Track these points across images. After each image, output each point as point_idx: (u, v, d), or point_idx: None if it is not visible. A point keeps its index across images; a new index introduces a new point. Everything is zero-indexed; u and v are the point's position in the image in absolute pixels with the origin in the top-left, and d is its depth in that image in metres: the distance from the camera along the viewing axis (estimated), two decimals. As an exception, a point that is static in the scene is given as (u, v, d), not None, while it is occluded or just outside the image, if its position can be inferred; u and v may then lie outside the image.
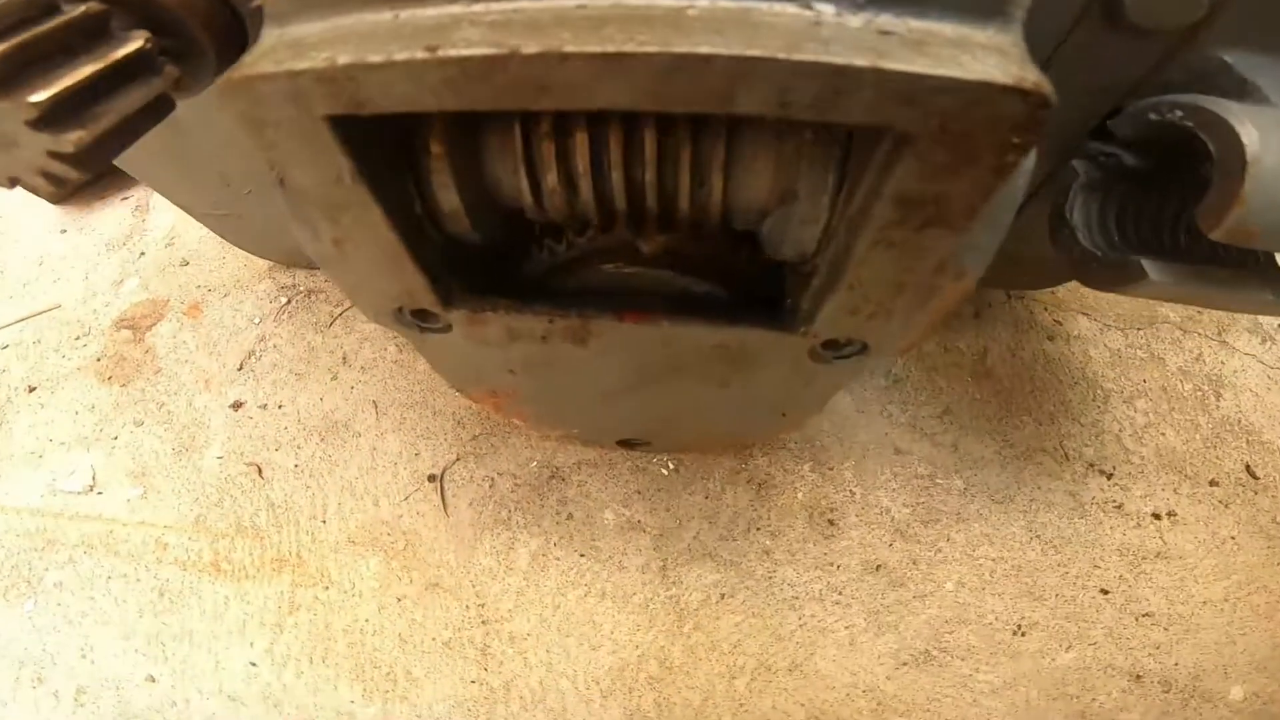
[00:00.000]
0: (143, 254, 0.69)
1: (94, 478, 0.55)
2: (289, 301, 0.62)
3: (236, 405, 0.57)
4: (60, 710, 0.49)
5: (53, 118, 0.24)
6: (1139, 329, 0.60)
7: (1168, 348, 0.59)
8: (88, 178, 0.26)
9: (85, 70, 0.24)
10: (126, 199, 0.77)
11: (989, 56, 0.17)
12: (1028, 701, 0.44)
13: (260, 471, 0.54)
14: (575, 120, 0.24)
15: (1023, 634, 0.46)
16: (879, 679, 0.45)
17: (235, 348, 0.60)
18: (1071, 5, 0.31)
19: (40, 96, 0.23)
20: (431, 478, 0.53)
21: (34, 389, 0.61)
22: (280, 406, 0.56)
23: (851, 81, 0.16)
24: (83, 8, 0.26)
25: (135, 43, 0.26)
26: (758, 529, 0.50)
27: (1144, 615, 0.48)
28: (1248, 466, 0.54)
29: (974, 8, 0.18)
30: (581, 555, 0.49)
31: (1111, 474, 0.52)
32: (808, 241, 0.26)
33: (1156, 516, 0.51)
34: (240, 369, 0.58)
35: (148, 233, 0.71)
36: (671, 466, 0.53)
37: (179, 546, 0.51)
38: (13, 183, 0.27)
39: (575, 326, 0.32)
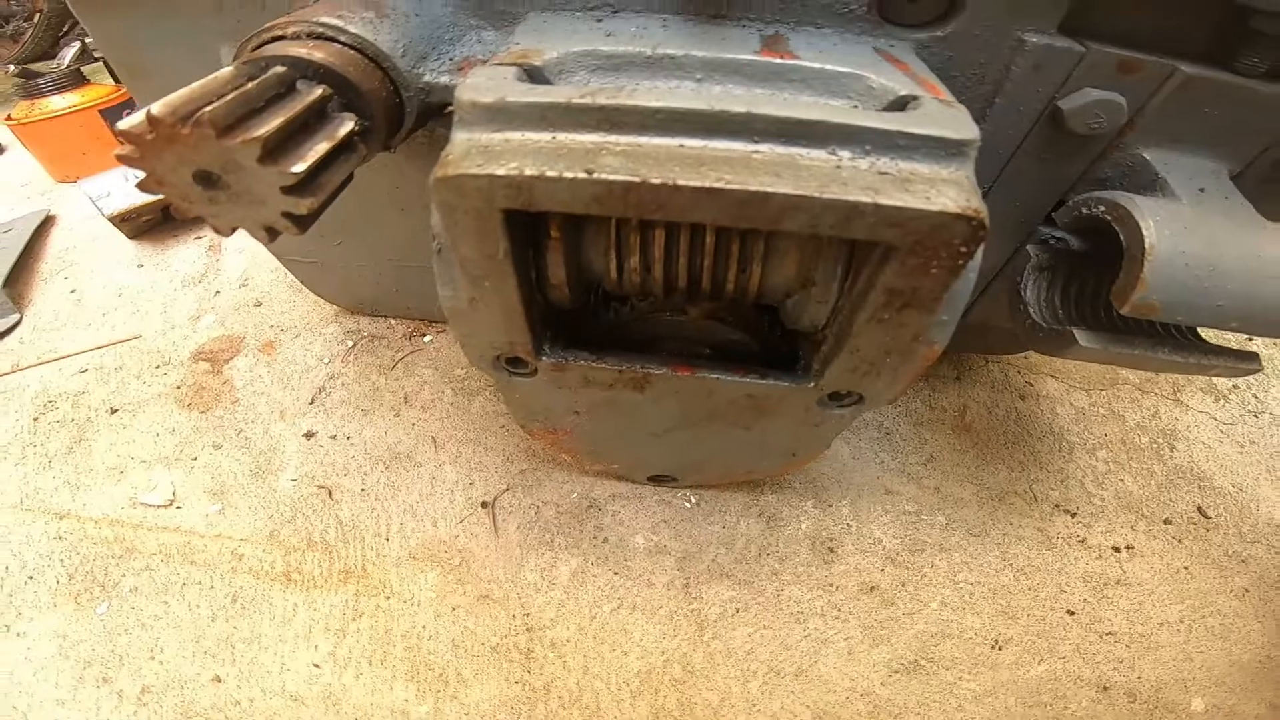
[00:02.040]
0: (218, 292, 0.78)
1: (174, 493, 0.61)
2: (354, 345, 0.70)
3: (309, 434, 0.64)
4: (122, 710, 0.51)
5: (301, 185, 0.30)
6: (1101, 390, 0.69)
7: (1127, 406, 0.68)
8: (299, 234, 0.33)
9: (324, 146, 0.30)
10: (199, 239, 0.86)
11: (949, 189, 0.26)
12: (1007, 708, 0.50)
13: (330, 494, 0.60)
14: (655, 221, 0.33)
15: (999, 648, 0.53)
16: (875, 684, 0.51)
17: (307, 384, 0.68)
18: (1026, 117, 0.41)
19: (300, 168, 0.29)
20: (484, 504, 0.59)
21: (115, 410, 0.69)
22: (349, 437, 0.64)
23: (859, 212, 0.25)
24: (319, 91, 0.32)
25: (349, 124, 0.32)
26: (768, 554, 0.57)
27: (1107, 634, 0.54)
28: (1199, 508, 0.62)
29: (941, 153, 0.28)
30: (615, 573, 0.56)
31: (1075, 513, 0.60)
32: (820, 316, 0.35)
33: (1116, 549, 0.59)
34: (312, 403, 0.66)
35: (221, 273, 0.80)
36: (693, 500, 0.60)
37: (253, 557, 0.57)
38: (232, 230, 0.32)
39: (638, 376, 0.40)
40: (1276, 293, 0.34)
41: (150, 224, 0.87)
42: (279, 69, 0.32)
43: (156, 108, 0.27)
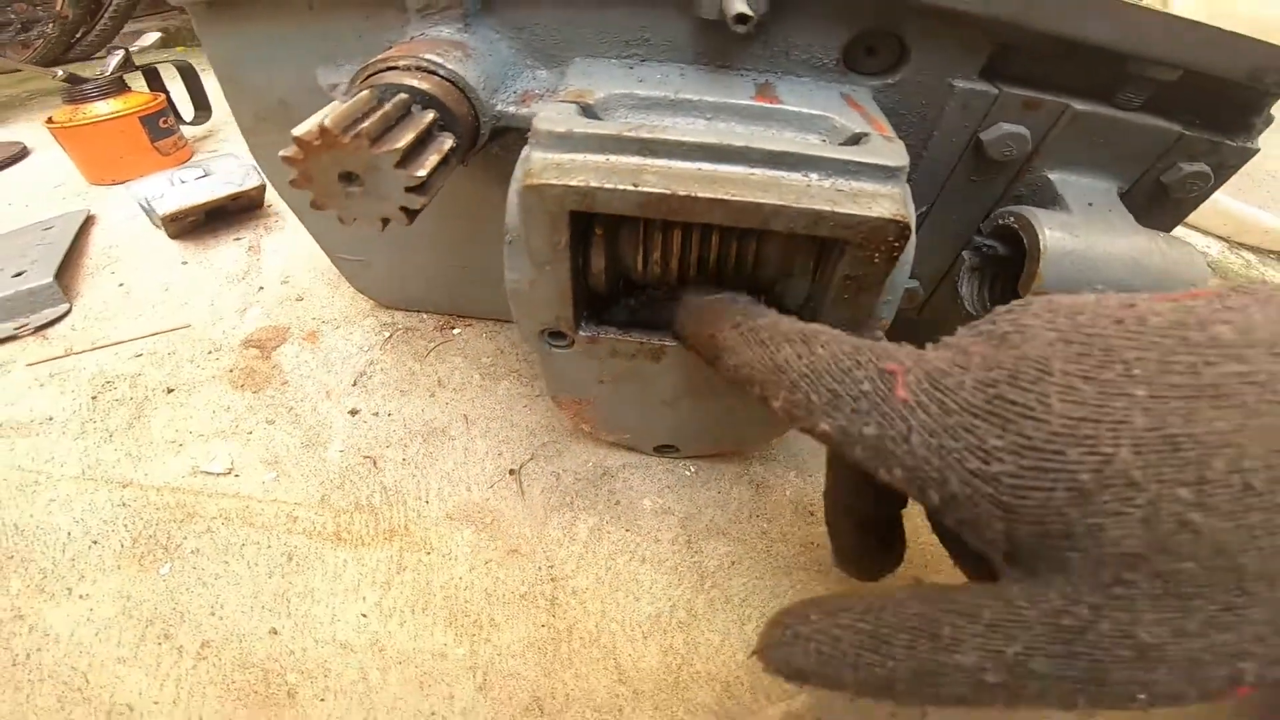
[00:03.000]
0: (261, 288, 0.89)
1: (232, 463, 0.71)
2: (390, 336, 0.82)
3: (353, 412, 0.75)
4: (182, 664, 0.55)
5: (420, 186, 0.41)
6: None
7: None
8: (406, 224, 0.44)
9: (435, 158, 0.41)
10: (239, 240, 0.97)
11: (885, 201, 0.39)
12: None
13: (375, 463, 0.70)
14: (673, 223, 0.46)
15: (955, 597, 0.65)
16: None
17: (349, 368, 0.79)
18: (957, 147, 0.53)
19: (423, 172, 0.40)
20: (511, 471, 0.70)
21: (172, 390, 0.78)
22: (389, 415, 0.75)
23: (823, 217, 0.38)
24: (431, 115, 0.43)
25: (450, 141, 0.44)
26: (757, 515, 0.68)
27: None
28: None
29: (882, 176, 0.40)
30: (627, 530, 0.66)
31: (1022, 486, 0.73)
32: (800, 298, 0.48)
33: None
34: (354, 384, 0.77)
35: (263, 271, 0.91)
36: (693, 470, 0.72)
37: (306, 520, 0.66)
38: (354, 220, 0.43)
39: (656, 348, 0.52)
40: (1143, 284, 0.47)
41: (194, 225, 0.99)
42: (403, 95, 0.44)
43: (329, 120, 0.38)
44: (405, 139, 0.41)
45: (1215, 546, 0.23)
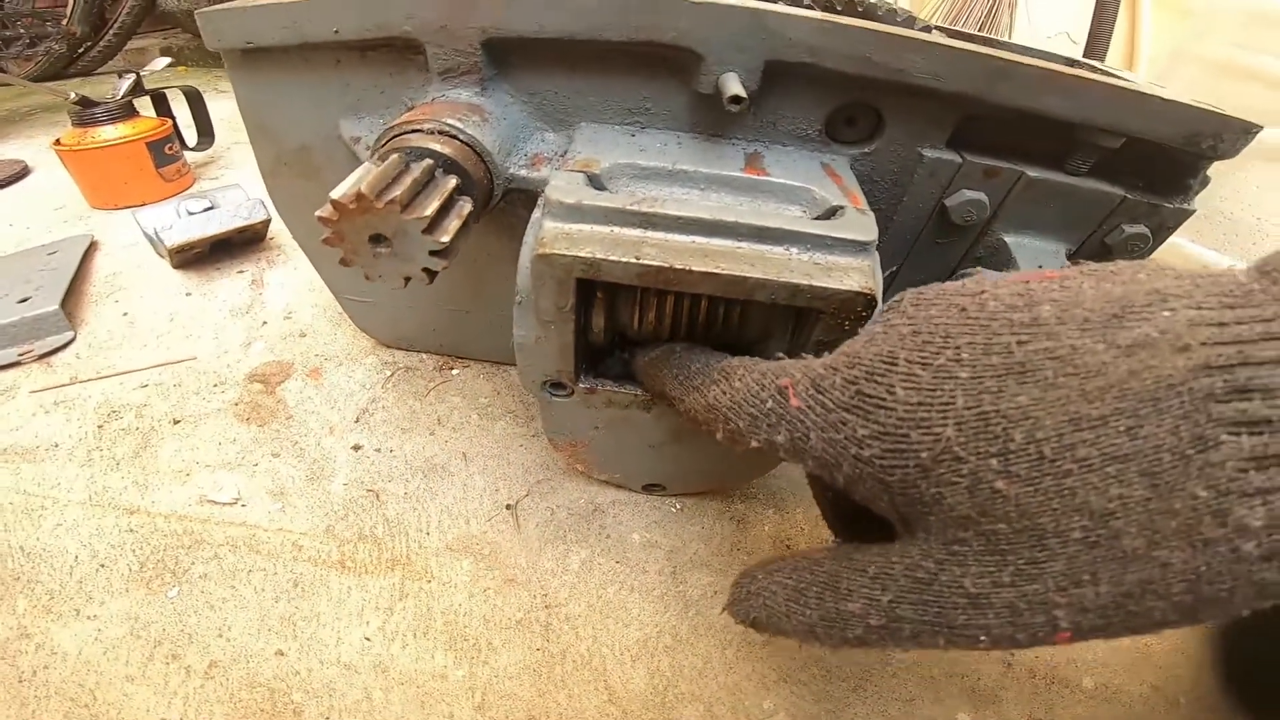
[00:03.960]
0: (265, 323, 0.93)
1: (239, 493, 0.74)
2: (392, 374, 0.87)
3: (356, 447, 0.79)
4: (190, 683, 0.57)
5: (444, 250, 0.45)
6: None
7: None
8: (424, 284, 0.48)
9: (456, 223, 0.46)
10: (242, 272, 1.01)
11: (856, 274, 0.44)
12: (932, 676, 0.64)
13: (377, 496, 0.74)
14: (668, 290, 0.51)
15: (925, 627, 0.70)
16: (826, 651, 0.65)
17: (352, 405, 0.83)
18: (924, 212, 0.58)
19: (447, 237, 0.44)
20: (508, 506, 0.74)
21: (178, 422, 0.82)
22: (391, 451, 0.79)
23: (800, 290, 0.43)
24: (454, 181, 0.47)
25: (469, 206, 0.48)
26: (739, 549, 0.72)
27: (1010, 620, 0.72)
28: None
29: (853, 249, 0.45)
30: (617, 562, 0.70)
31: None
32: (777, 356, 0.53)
33: (1019, 553, 0.77)
34: (357, 421, 0.82)
35: (266, 305, 0.96)
36: (679, 506, 0.76)
37: (312, 548, 0.70)
38: (379, 277, 0.47)
39: (647, 399, 0.56)
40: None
41: (197, 256, 1.04)
42: (428, 161, 0.48)
43: (364, 186, 0.42)
44: (432, 206, 0.46)
45: (1020, 509, 0.27)
